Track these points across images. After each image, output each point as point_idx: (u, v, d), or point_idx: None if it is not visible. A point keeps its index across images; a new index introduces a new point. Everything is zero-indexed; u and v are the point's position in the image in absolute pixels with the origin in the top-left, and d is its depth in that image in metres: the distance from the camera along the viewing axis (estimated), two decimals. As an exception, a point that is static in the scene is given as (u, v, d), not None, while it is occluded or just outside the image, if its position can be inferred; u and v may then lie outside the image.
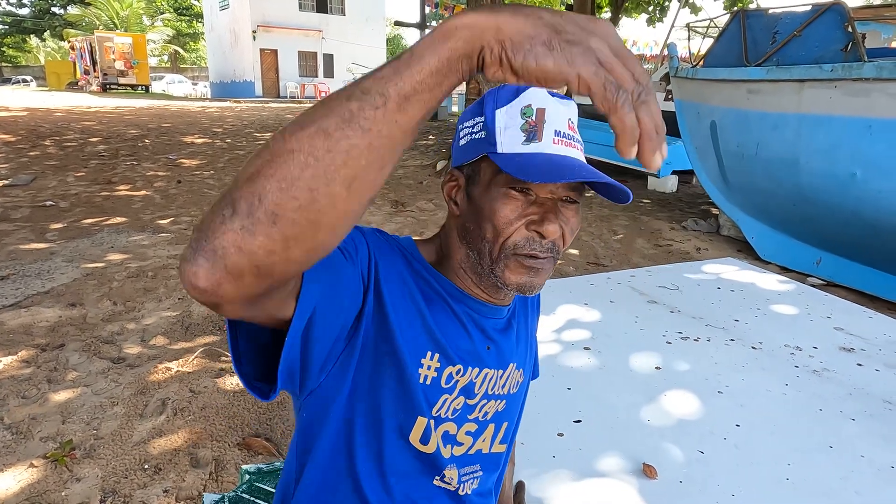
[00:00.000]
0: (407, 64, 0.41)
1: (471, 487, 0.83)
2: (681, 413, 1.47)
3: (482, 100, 0.72)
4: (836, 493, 1.18)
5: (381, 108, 0.40)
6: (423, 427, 0.74)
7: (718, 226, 5.60)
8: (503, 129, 0.68)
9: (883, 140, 3.50)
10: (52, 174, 6.74)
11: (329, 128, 0.40)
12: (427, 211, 5.84)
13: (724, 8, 13.45)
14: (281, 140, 0.41)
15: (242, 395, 2.37)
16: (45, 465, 1.91)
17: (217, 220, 0.41)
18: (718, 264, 2.75)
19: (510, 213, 0.68)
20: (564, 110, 0.69)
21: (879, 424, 1.44)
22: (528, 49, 0.40)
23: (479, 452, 0.82)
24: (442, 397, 0.75)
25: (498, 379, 0.81)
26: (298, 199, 0.40)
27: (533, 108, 0.68)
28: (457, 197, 0.75)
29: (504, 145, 0.67)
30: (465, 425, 0.79)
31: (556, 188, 0.69)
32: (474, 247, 0.72)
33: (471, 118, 0.73)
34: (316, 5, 27.09)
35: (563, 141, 0.68)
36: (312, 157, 0.40)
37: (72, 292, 3.39)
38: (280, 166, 0.40)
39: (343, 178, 0.40)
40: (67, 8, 39.28)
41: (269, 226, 0.40)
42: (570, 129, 0.70)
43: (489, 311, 0.79)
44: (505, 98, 0.69)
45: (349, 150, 0.40)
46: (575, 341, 1.85)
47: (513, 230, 0.68)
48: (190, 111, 16.13)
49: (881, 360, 1.78)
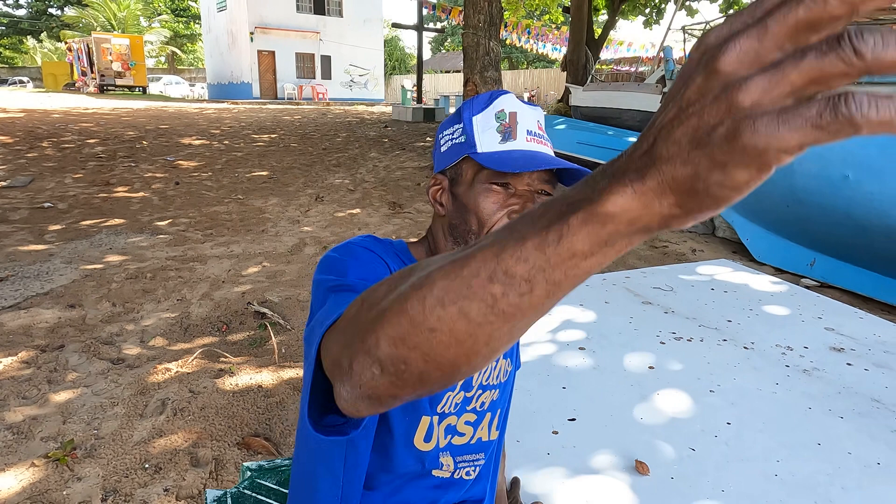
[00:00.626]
0: (555, 243, 0.32)
1: (473, 473, 0.89)
2: (673, 411, 1.50)
3: (459, 110, 0.80)
4: (823, 488, 1.21)
5: (527, 295, 0.34)
6: (427, 426, 0.80)
7: (714, 227, 5.63)
8: (481, 131, 0.76)
9: (874, 143, 3.54)
10: (50, 176, 6.74)
11: (471, 313, 0.36)
12: (424, 212, 5.86)
13: (719, 10, 13.52)
14: (419, 309, 0.38)
15: (241, 395, 2.40)
16: (47, 465, 1.93)
17: (367, 375, 0.42)
18: (712, 265, 2.79)
19: (492, 204, 0.75)
20: (533, 113, 0.78)
21: (867, 422, 1.47)
22: (703, 189, 0.26)
23: (480, 440, 0.88)
24: (446, 394, 0.81)
25: (491, 370, 0.87)
26: (442, 369, 0.40)
27: (506, 112, 0.76)
28: (441, 198, 0.81)
29: (483, 145, 0.75)
30: (465, 416, 0.85)
31: (533, 181, 0.75)
32: (462, 240, 0.78)
33: (450, 126, 0.81)
34: (313, 7, 27.12)
35: (535, 139, 0.76)
36: (454, 339, 0.38)
37: (71, 293, 3.41)
38: (422, 342, 0.39)
39: (484, 353, 0.39)
40: (64, 9, 39.21)
41: (417, 385, 0.41)
42: (540, 129, 0.78)
43: None
44: (479, 106, 0.77)
45: (491, 334, 0.37)
46: (570, 341, 1.88)
47: (496, 220, 0.75)
48: (187, 113, 16.12)
49: (870, 360, 1.82)
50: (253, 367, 2.63)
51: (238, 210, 5.70)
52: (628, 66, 14.69)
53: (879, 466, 1.30)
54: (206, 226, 5.08)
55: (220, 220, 5.31)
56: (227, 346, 2.86)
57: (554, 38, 23.21)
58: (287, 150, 9.63)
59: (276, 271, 3.97)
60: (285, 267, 4.07)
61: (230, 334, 3.02)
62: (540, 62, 37.73)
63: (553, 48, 24.75)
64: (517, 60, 40.28)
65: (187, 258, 4.16)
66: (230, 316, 3.22)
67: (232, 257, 4.23)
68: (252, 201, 6.09)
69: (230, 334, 3.02)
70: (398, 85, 31.06)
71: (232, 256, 4.25)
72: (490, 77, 7.29)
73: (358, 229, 5.15)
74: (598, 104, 11.02)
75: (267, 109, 19.07)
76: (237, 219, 5.37)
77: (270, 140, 10.70)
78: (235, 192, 6.52)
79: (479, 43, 7.17)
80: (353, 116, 16.71)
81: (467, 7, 7.24)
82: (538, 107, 0.80)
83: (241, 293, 3.53)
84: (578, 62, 14.12)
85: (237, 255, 4.29)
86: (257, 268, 4.03)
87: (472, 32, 7.21)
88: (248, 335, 3.01)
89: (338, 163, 8.61)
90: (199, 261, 4.11)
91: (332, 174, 7.76)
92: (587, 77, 13.21)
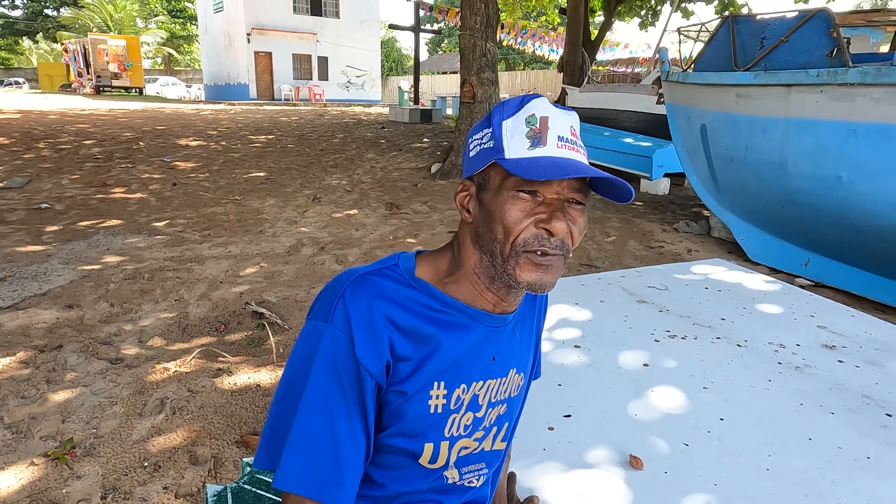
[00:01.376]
0: None
1: (477, 482, 0.88)
2: (667, 408, 1.52)
3: (489, 114, 0.76)
4: (814, 482, 1.23)
5: None
6: (432, 450, 0.79)
7: (709, 228, 5.67)
8: (510, 137, 0.72)
9: (867, 144, 3.57)
10: (47, 177, 6.74)
11: None
12: (422, 213, 5.88)
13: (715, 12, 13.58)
14: None
15: (240, 394, 2.41)
16: (46, 464, 1.94)
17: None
18: (707, 265, 2.81)
19: (519, 212, 0.71)
20: (566, 118, 0.74)
21: (857, 418, 1.49)
22: None
23: (484, 451, 0.87)
24: (451, 418, 0.79)
25: (500, 386, 0.85)
26: None
27: (537, 117, 0.72)
28: (469, 205, 0.78)
29: (511, 151, 0.71)
30: (475, 433, 0.84)
31: (563, 189, 0.72)
32: (487, 249, 0.75)
33: (479, 131, 0.77)
34: (310, 8, 27.13)
35: (567, 145, 0.72)
36: None
37: (69, 294, 3.42)
38: None
39: None
40: (60, 10, 39.13)
41: None
42: (573, 135, 0.74)
43: (495, 321, 0.82)
44: (510, 110, 0.74)
45: None
46: (566, 340, 1.90)
47: (522, 228, 0.71)
48: (184, 114, 16.11)
49: (861, 357, 1.84)
50: (251, 367, 2.64)
51: (235, 211, 5.71)
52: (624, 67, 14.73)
53: (869, 460, 1.32)
54: (204, 226, 5.09)
55: (217, 220, 5.32)
56: (226, 346, 2.88)
57: (550, 39, 23.26)
58: (284, 150, 9.64)
59: (273, 272, 3.98)
60: (283, 267, 4.09)
61: (228, 334, 3.04)
62: (536, 63, 37.79)
63: (550, 49, 24.80)
64: (514, 62, 40.35)
65: (185, 259, 4.17)
66: (228, 316, 3.23)
67: (229, 258, 4.24)
68: (249, 202, 6.10)
69: (228, 334, 3.04)
70: (395, 86, 31.07)
71: (229, 257, 4.26)
72: (487, 78, 7.32)
73: (355, 230, 5.17)
74: (594, 105, 11.07)
75: (264, 110, 19.07)
76: (235, 219, 5.38)
77: (267, 141, 10.71)
78: (233, 192, 6.53)
79: (475, 44, 7.20)
80: (350, 117, 16.72)
81: (464, 8, 7.26)
82: (573, 112, 0.75)
83: (239, 293, 3.54)
84: (575, 63, 14.16)
85: (235, 255, 4.30)
86: (255, 268, 4.04)
87: (468, 34, 7.23)
88: (246, 335, 3.02)
89: (335, 164, 8.62)
90: (196, 261, 4.12)
91: (329, 175, 7.78)
92: (584, 78, 13.25)
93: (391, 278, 0.77)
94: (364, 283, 0.75)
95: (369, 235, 5.01)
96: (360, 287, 0.74)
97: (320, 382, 0.71)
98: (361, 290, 0.74)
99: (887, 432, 1.43)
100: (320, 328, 0.73)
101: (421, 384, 0.76)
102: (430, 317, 0.76)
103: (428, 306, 0.77)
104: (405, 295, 0.76)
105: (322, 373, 0.71)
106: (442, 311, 0.77)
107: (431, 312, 0.77)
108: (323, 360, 0.71)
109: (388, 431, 0.77)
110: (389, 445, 0.78)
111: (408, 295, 0.76)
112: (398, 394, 0.75)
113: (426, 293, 0.77)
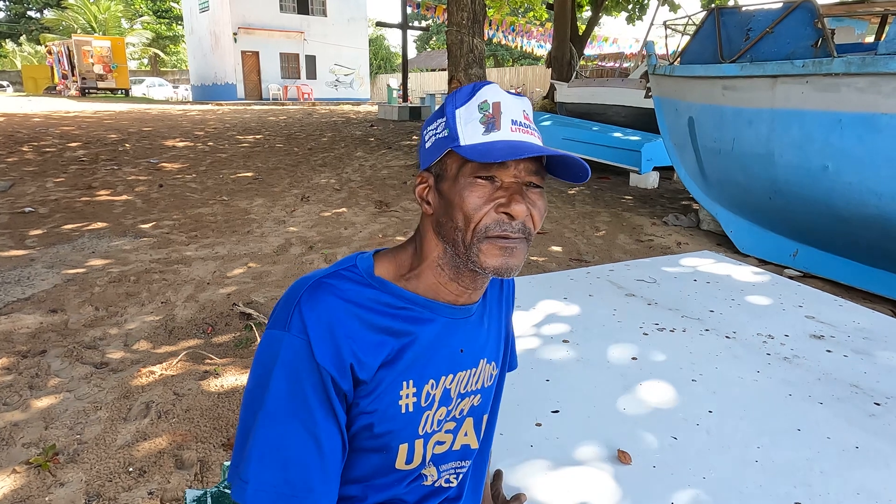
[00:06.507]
0: None
1: (455, 481, 0.87)
2: (656, 401, 1.51)
3: (443, 104, 0.76)
4: (803, 473, 1.22)
5: None
6: (407, 451, 0.78)
7: (699, 220, 5.68)
8: (464, 124, 0.72)
9: (852, 134, 3.59)
10: (31, 180, 6.65)
11: None
12: (411, 210, 5.86)
13: (701, 6, 13.63)
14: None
15: (227, 396, 2.38)
16: (28, 471, 1.91)
17: None
18: (695, 258, 2.81)
19: (478, 199, 0.71)
20: (519, 103, 0.74)
21: (846, 407, 1.49)
22: None
23: (464, 447, 0.86)
24: (424, 415, 0.78)
25: (471, 377, 0.84)
26: None
27: (489, 103, 0.72)
28: (428, 196, 0.77)
29: (466, 138, 0.71)
30: (445, 425, 0.82)
31: (520, 172, 0.72)
32: (449, 238, 0.74)
33: (434, 122, 0.77)
34: (297, 7, 26.97)
35: (521, 129, 0.72)
36: None
37: (53, 298, 3.37)
38: None
39: None
40: (43, 12, 38.67)
41: None
42: (526, 119, 0.74)
43: (459, 313, 0.81)
44: (463, 98, 0.74)
45: None
46: (554, 335, 1.88)
47: (482, 214, 0.71)
48: (171, 115, 15.97)
49: (849, 347, 1.84)
50: (238, 369, 2.61)
51: (223, 211, 5.65)
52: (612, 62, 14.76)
53: (857, 450, 1.31)
54: (191, 228, 5.04)
55: (204, 221, 5.27)
56: (213, 348, 2.84)
57: (538, 35, 23.28)
58: (272, 150, 9.58)
59: (261, 272, 3.95)
60: (271, 268, 4.05)
61: (215, 336, 3.00)
62: (525, 59, 37.81)
63: (538, 45, 24.82)
64: (502, 58, 40.34)
65: (171, 261, 4.13)
66: (215, 318, 3.20)
67: (217, 259, 4.19)
68: (237, 202, 6.05)
69: (215, 336, 3.00)
70: (384, 84, 30.98)
71: (217, 258, 4.22)
72: (475, 74, 7.30)
73: (344, 229, 5.13)
74: (582, 100, 11.08)
75: (252, 110, 18.94)
76: (222, 220, 5.33)
77: (255, 141, 10.63)
78: (220, 193, 6.47)
79: (462, 41, 7.18)
80: (338, 116, 16.65)
81: (451, 5, 7.24)
82: (524, 97, 0.76)
83: (227, 295, 3.50)
84: (563, 59, 14.17)
85: (222, 256, 4.26)
86: (242, 269, 4.00)
87: (455, 30, 7.21)
88: (233, 336, 2.99)
89: (323, 162, 8.57)
90: (183, 263, 4.08)
91: (317, 174, 7.73)
92: (572, 73, 13.27)
93: (349, 279, 0.75)
94: (320, 287, 0.73)
95: (358, 234, 4.98)
96: (315, 292, 0.73)
97: (281, 391, 0.69)
98: (317, 295, 0.72)
99: (875, 422, 1.43)
100: (278, 336, 0.71)
101: (388, 384, 0.74)
102: (392, 314, 0.75)
103: (389, 304, 0.75)
104: (365, 295, 0.75)
105: (281, 381, 0.70)
106: (404, 307, 0.76)
107: (393, 310, 0.75)
108: (282, 369, 0.70)
109: (361, 437, 0.75)
110: (363, 451, 0.76)
111: (367, 295, 0.75)
112: (366, 396, 0.73)
113: (386, 291, 0.76)
